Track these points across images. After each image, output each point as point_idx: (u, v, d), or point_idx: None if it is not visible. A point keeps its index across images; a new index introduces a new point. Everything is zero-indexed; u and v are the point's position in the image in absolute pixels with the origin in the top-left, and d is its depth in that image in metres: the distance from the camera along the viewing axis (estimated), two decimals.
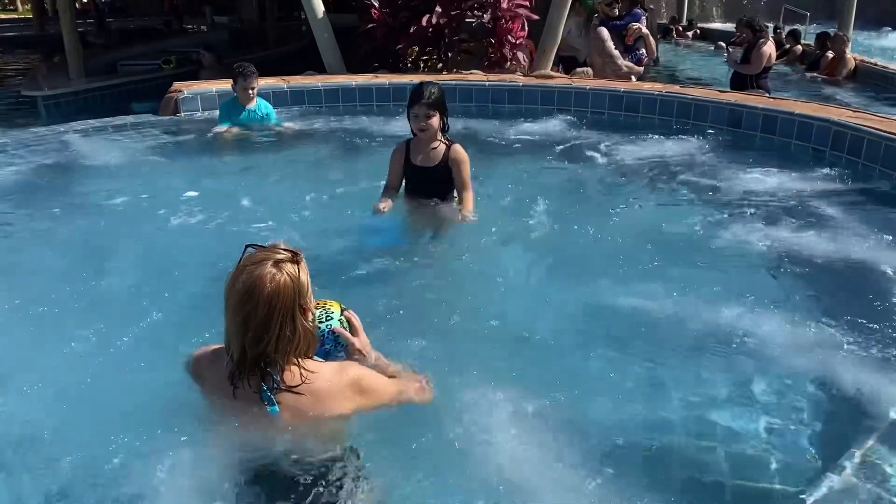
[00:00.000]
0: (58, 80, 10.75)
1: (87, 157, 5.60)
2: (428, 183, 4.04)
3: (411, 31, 8.30)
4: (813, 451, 2.35)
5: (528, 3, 8.44)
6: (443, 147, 3.99)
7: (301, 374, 2.02)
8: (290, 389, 2.02)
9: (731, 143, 5.67)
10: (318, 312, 2.24)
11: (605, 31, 7.95)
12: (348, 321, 2.31)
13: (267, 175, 5.34)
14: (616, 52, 7.92)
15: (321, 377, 2.07)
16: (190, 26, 19.73)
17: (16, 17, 30.17)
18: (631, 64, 7.99)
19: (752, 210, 4.29)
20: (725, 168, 5.06)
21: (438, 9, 8.03)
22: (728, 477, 2.24)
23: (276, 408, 2.03)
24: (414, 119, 3.91)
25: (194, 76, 9.54)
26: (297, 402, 2.04)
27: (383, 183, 4.18)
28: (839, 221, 4.12)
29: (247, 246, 2.05)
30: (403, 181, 4.15)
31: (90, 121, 6.65)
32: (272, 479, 2.05)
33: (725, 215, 4.26)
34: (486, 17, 8.52)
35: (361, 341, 2.31)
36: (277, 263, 1.98)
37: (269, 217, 4.28)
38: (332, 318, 2.29)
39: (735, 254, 3.79)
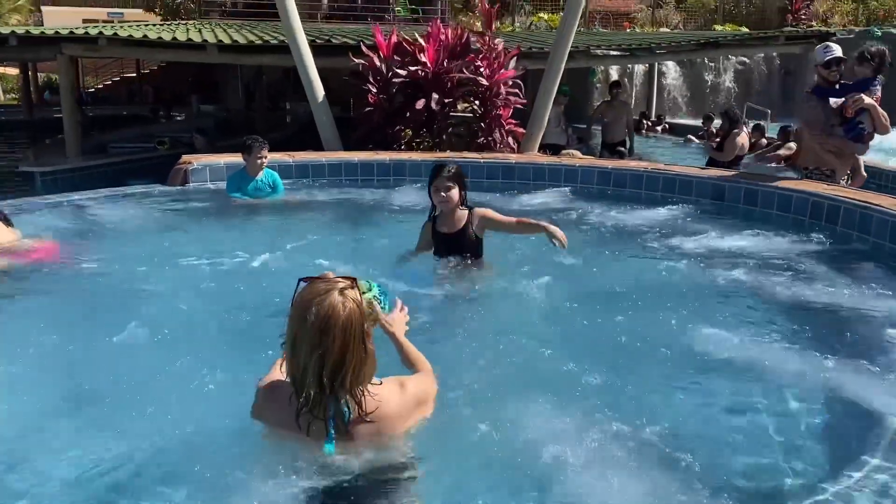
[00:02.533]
0: (54, 158, 11.06)
1: (104, 220, 5.82)
2: (455, 247, 4.32)
3: (407, 114, 8.78)
4: (818, 463, 2.54)
5: (518, 91, 9.01)
6: (465, 213, 4.31)
7: (372, 399, 2.11)
8: (364, 419, 2.10)
9: (716, 213, 6.07)
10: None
11: (816, 100, 6.24)
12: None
13: (278, 236, 5.56)
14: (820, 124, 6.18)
15: (391, 400, 2.17)
16: (175, 114, 20.27)
17: None
18: (846, 140, 6.13)
19: (743, 265, 4.61)
20: (713, 232, 5.40)
21: (435, 95, 8.53)
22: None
23: (333, 447, 2.10)
24: (435, 192, 4.23)
25: None
26: (369, 429, 2.13)
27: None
28: (823, 274, 4.49)
29: (299, 280, 2.11)
30: (432, 250, 4.43)
31: (101, 190, 6.87)
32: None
33: (718, 268, 4.58)
34: (478, 103, 9.08)
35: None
36: (342, 292, 2.05)
37: (286, 272, 4.48)
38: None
39: (729, 298, 4.13)
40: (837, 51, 6.21)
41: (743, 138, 9.17)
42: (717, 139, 9.82)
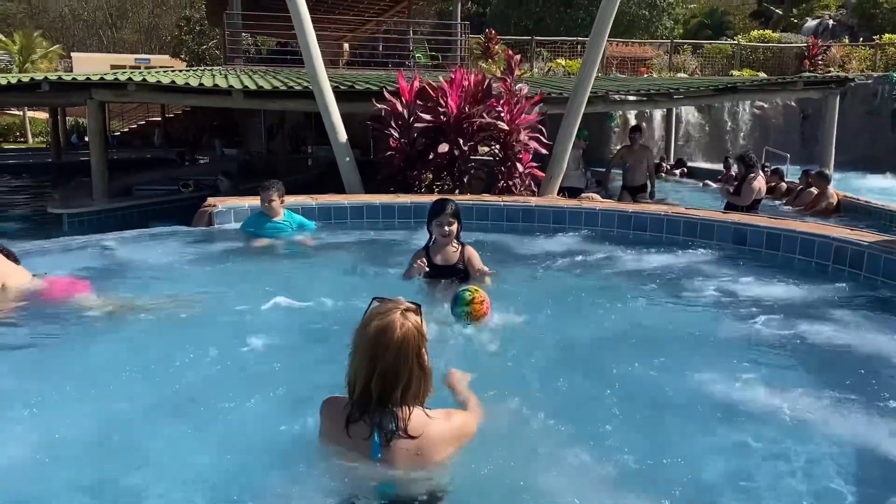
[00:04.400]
0: (81, 200, 11.26)
1: (131, 260, 5.92)
2: (447, 276, 4.87)
3: (428, 158, 8.88)
4: None
5: (538, 137, 9.11)
6: (458, 248, 4.92)
7: (420, 420, 2.23)
8: (408, 435, 2.21)
9: (738, 258, 6.03)
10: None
11: None
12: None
13: (300, 276, 5.63)
14: None
15: (435, 426, 2.27)
16: (199, 157, 20.69)
17: (26, 147, 31.37)
18: None
19: (765, 311, 4.56)
20: (734, 277, 5.36)
21: (457, 139, 8.64)
22: None
23: (379, 454, 2.21)
24: (437, 226, 4.85)
25: None
26: (410, 448, 2.22)
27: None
28: (848, 320, 4.41)
29: (373, 299, 2.37)
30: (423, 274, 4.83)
31: (127, 231, 6.99)
32: None
33: (738, 313, 4.56)
34: (498, 147, 9.19)
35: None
36: (404, 313, 2.29)
37: (306, 310, 4.55)
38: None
39: (750, 344, 4.08)
40: None
41: (760, 182, 9.18)
42: (735, 183, 9.85)
